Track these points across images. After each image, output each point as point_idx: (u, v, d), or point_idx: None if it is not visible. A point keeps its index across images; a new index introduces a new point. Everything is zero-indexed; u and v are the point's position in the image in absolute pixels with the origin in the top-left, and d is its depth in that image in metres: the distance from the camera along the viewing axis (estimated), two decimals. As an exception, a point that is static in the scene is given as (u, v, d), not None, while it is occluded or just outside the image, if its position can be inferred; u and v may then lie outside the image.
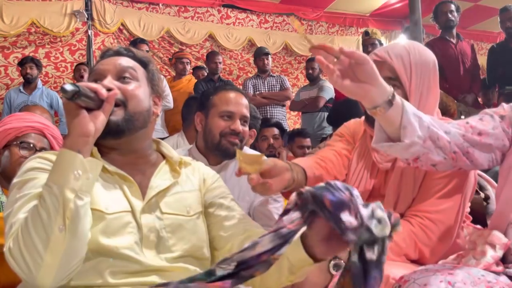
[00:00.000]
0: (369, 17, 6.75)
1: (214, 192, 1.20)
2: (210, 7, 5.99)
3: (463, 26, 6.62)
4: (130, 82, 1.10)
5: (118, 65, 1.11)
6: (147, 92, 1.15)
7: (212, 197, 1.19)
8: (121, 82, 1.09)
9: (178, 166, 1.18)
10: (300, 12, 6.38)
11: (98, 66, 1.13)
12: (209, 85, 4.27)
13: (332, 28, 6.74)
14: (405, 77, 1.27)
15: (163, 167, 1.17)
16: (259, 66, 4.62)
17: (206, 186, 1.21)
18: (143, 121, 1.11)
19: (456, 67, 3.82)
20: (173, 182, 1.14)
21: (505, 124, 1.14)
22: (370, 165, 1.42)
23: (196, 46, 5.94)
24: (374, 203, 0.76)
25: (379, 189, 1.40)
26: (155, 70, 1.20)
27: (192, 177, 1.20)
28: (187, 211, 1.12)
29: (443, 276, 0.95)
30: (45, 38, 5.13)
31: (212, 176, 1.25)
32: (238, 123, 1.74)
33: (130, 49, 1.18)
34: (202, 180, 1.21)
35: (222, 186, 1.24)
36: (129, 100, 1.07)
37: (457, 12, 3.88)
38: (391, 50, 1.29)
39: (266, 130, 3.28)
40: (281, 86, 4.52)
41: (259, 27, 6.32)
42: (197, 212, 1.14)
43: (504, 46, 4.13)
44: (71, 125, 0.95)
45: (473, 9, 6.25)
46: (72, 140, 0.93)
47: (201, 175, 1.22)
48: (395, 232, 0.75)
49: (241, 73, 6.11)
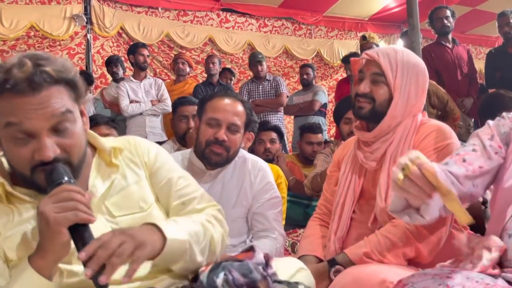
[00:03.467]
0: (368, 21, 6.77)
1: (158, 177, 1.11)
2: (209, 11, 6.00)
3: (462, 30, 6.65)
4: (68, 130, 0.92)
5: (51, 118, 0.89)
6: (79, 120, 0.97)
7: (158, 187, 1.10)
8: (58, 135, 0.91)
9: (113, 156, 1.05)
10: (299, 16, 6.39)
11: (19, 116, 0.87)
12: (208, 89, 4.28)
13: (331, 32, 6.76)
14: (390, 73, 1.40)
15: (97, 163, 1.05)
16: (254, 73, 4.65)
17: (149, 169, 1.10)
18: (84, 156, 0.99)
19: (453, 72, 3.84)
20: (113, 179, 1.03)
21: (496, 144, 1.15)
22: (358, 167, 1.46)
23: (196, 50, 5.94)
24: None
25: (370, 190, 1.43)
26: (75, 73, 0.97)
27: (131, 164, 1.08)
28: (140, 206, 1.04)
29: (441, 279, 0.95)
30: (44, 42, 5.12)
31: (149, 157, 1.11)
32: (222, 132, 1.67)
33: (48, 72, 0.89)
34: (144, 163, 1.10)
35: (161, 167, 1.12)
36: (73, 154, 0.94)
37: (452, 17, 3.89)
38: (381, 50, 1.46)
39: (264, 133, 3.24)
40: (276, 91, 4.53)
41: (259, 31, 6.33)
42: (150, 203, 1.06)
43: (502, 50, 4.14)
44: (51, 247, 0.83)
45: (471, 13, 6.27)
46: (46, 264, 0.83)
47: (140, 157, 1.10)
48: None
49: (242, 76, 6.11)
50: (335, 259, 1.32)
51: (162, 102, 4.12)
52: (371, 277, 1.14)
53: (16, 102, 0.87)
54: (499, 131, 1.16)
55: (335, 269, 1.30)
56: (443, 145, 1.35)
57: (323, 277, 1.31)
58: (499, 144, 1.14)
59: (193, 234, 1.00)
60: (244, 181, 1.77)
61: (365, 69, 1.45)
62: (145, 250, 0.87)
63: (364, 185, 1.47)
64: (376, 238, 1.31)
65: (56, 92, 0.90)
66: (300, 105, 4.64)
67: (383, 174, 1.39)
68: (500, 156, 1.14)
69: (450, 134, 1.39)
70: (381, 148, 1.42)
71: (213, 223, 1.09)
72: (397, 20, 6.63)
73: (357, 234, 1.43)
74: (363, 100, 1.43)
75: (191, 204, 1.11)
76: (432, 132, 1.39)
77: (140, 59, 4.21)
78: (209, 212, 1.11)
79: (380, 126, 1.42)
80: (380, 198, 1.37)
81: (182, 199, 1.11)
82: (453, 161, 1.13)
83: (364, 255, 1.29)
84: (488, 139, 1.15)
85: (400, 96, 1.40)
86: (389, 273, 1.14)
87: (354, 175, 1.49)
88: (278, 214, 1.81)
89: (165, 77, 5.58)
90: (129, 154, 1.09)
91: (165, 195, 1.11)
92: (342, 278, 1.21)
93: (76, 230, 0.83)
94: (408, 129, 1.42)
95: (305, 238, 1.58)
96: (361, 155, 1.46)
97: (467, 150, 1.15)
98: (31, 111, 0.87)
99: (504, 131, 1.15)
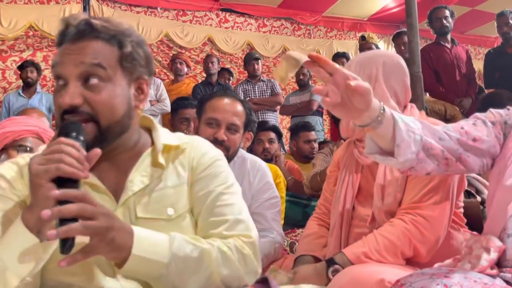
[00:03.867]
0: (367, 21, 6.77)
1: (199, 185, 0.99)
2: (208, 11, 6.00)
3: (461, 30, 6.66)
4: (99, 86, 0.89)
5: (80, 66, 0.89)
6: (123, 87, 0.93)
7: (196, 196, 0.98)
8: (87, 87, 0.89)
9: (162, 155, 0.97)
10: (298, 16, 6.40)
11: (58, 59, 0.91)
12: (207, 89, 4.28)
13: (331, 32, 6.76)
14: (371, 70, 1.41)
15: (146, 158, 0.97)
16: (250, 71, 4.66)
17: (194, 175, 0.99)
18: (121, 129, 0.94)
19: (452, 72, 3.84)
20: (154, 179, 0.96)
21: (497, 130, 1.14)
22: (354, 164, 1.48)
23: (196, 49, 5.94)
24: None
25: (367, 187, 1.45)
26: (135, 44, 0.95)
27: (180, 166, 0.99)
28: (168, 213, 0.94)
29: (440, 279, 0.95)
30: (43, 42, 5.12)
31: (202, 163, 1.00)
32: (221, 131, 1.67)
33: (93, 25, 0.91)
34: (191, 167, 1.00)
35: (208, 177, 1.00)
36: (99, 113, 0.89)
37: (451, 17, 3.90)
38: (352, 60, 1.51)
39: (262, 133, 3.25)
40: (271, 91, 4.54)
41: (258, 31, 6.33)
42: (181, 213, 0.96)
43: (501, 50, 4.14)
44: (35, 200, 0.79)
45: (470, 14, 6.28)
46: (33, 218, 0.78)
47: (191, 161, 1.00)
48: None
49: (241, 76, 6.11)
50: (333, 259, 1.32)
51: (161, 102, 4.12)
52: (369, 277, 1.14)
53: (62, 48, 0.92)
54: (502, 119, 1.15)
55: (333, 269, 1.30)
56: None
57: (321, 277, 1.31)
58: (499, 131, 1.13)
59: (181, 261, 0.87)
60: (243, 181, 1.77)
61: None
62: (107, 246, 0.79)
63: (361, 182, 1.49)
64: (374, 237, 1.32)
65: (96, 45, 0.90)
66: (298, 105, 4.64)
67: (379, 174, 1.40)
68: (498, 142, 1.13)
69: None
70: None
71: (227, 258, 0.92)
72: (396, 21, 6.63)
73: (356, 233, 1.43)
74: None
75: (218, 228, 0.96)
76: None
77: None
78: (233, 243, 0.94)
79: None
80: (378, 198, 1.38)
81: (213, 218, 0.97)
82: (450, 126, 1.14)
83: (362, 254, 1.29)
84: (490, 121, 1.15)
85: (385, 93, 1.42)
86: (387, 272, 1.14)
87: (352, 172, 1.50)
88: (276, 214, 1.81)
89: (165, 77, 5.58)
90: (181, 154, 1.01)
91: (199, 207, 0.98)
92: (340, 278, 1.21)
93: (63, 185, 0.77)
94: None
95: (304, 238, 1.58)
96: (357, 152, 1.49)
97: (468, 123, 1.15)
98: (66, 55, 0.90)
99: (506, 121, 1.14)
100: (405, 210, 1.33)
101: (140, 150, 0.98)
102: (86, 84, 0.89)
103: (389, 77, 1.41)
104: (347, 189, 1.50)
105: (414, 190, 1.34)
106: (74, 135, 0.83)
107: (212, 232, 0.96)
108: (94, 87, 0.89)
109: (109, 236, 0.78)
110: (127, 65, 0.94)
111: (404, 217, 1.31)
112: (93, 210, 0.76)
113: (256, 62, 4.60)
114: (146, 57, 0.98)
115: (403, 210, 1.34)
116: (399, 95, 1.44)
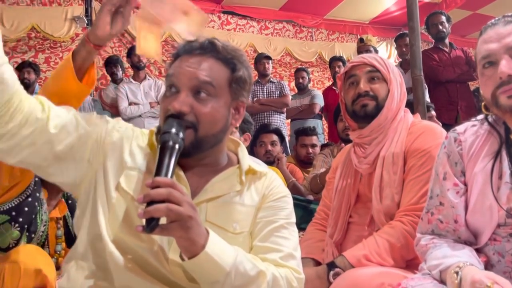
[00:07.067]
0: (368, 24, 6.79)
1: (263, 213, 1.04)
2: (210, 13, 6.01)
3: (462, 34, 6.67)
4: (206, 100, 0.97)
5: (194, 80, 0.97)
6: (226, 105, 1.01)
7: (257, 221, 1.03)
8: (196, 99, 0.97)
9: (245, 175, 1.04)
10: (299, 19, 6.41)
11: (176, 69, 1.00)
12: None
13: (332, 35, 6.78)
14: (383, 69, 1.49)
15: (231, 172, 1.04)
16: (260, 70, 4.62)
17: (263, 202, 1.05)
18: (215, 141, 1.01)
19: (451, 74, 3.85)
20: (233, 191, 1.02)
21: (451, 183, 1.11)
22: (353, 171, 1.49)
23: (199, 51, 5.95)
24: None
25: (366, 194, 1.45)
26: (245, 70, 1.03)
27: (255, 190, 1.06)
28: (234, 227, 0.99)
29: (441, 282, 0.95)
30: (45, 43, 5.14)
31: (273, 193, 1.07)
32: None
33: (215, 45, 1.00)
34: (263, 194, 1.06)
35: (275, 208, 1.05)
36: (201, 123, 0.96)
37: (447, 22, 3.90)
38: (366, 55, 1.56)
39: (264, 136, 3.24)
40: (280, 92, 4.52)
41: (260, 33, 6.35)
42: (243, 231, 1.00)
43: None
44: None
45: (471, 17, 6.29)
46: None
47: (264, 189, 1.07)
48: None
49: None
50: (334, 262, 1.32)
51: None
52: (370, 280, 1.14)
53: (179, 59, 1.01)
54: (451, 164, 1.12)
55: (334, 272, 1.30)
56: (434, 145, 1.37)
57: (322, 280, 1.31)
58: (455, 182, 1.11)
59: (240, 275, 0.90)
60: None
61: (358, 72, 1.50)
62: (183, 232, 0.83)
63: (360, 189, 1.50)
64: (374, 240, 1.32)
65: (211, 63, 0.99)
66: (299, 108, 4.63)
67: (376, 176, 1.41)
68: (463, 194, 1.10)
69: (441, 134, 1.41)
70: (374, 152, 1.46)
71: (278, 284, 0.95)
72: (398, 24, 6.64)
73: (356, 236, 1.44)
74: (366, 98, 1.48)
75: (273, 254, 0.99)
76: (423, 132, 1.44)
77: (134, 59, 4.22)
78: (285, 273, 0.98)
79: (378, 118, 1.46)
80: (376, 200, 1.39)
81: (269, 244, 1.00)
82: (432, 226, 1.13)
83: (363, 257, 1.29)
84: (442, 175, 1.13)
85: (395, 88, 1.49)
86: (388, 276, 1.14)
87: (350, 180, 1.51)
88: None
89: (166, 78, 5.58)
90: (258, 180, 1.07)
91: (258, 232, 1.02)
92: (341, 281, 1.21)
93: (165, 154, 0.87)
94: (399, 131, 1.46)
95: (304, 242, 1.59)
96: (355, 160, 1.50)
97: (438, 207, 1.13)
98: (184, 67, 0.98)
99: (455, 162, 1.12)
100: (404, 212, 1.34)
101: (225, 165, 1.06)
102: (196, 96, 0.97)
103: None
104: (343, 197, 1.51)
105: (411, 192, 1.35)
106: (181, 135, 0.90)
107: (267, 257, 0.99)
108: (202, 99, 0.97)
109: (188, 224, 0.82)
110: (235, 87, 1.02)
111: (403, 219, 1.32)
112: (180, 197, 0.81)
113: (266, 61, 4.58)
114: (250, 82, 1.06)
115: (401, 212, 1.35)
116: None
